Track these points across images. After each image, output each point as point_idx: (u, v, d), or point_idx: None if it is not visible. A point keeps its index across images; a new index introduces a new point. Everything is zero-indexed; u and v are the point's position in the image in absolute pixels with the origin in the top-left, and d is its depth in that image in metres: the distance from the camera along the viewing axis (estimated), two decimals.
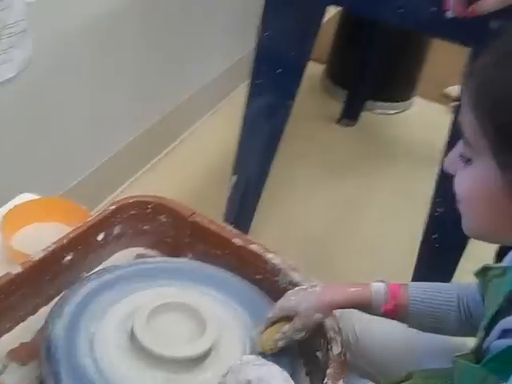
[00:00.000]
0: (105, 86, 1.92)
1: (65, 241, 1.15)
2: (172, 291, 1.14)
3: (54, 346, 1.00)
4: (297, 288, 1.07)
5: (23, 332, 1.10)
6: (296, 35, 1.54)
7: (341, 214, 2.30)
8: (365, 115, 2.82)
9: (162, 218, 1.29)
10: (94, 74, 1.86)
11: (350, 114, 2.76)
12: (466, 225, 0.80)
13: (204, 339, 1.04)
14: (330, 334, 1.08)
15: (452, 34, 1.45)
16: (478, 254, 1.53)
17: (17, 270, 1.07)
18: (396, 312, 1.02)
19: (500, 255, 1.33)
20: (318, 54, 3.01)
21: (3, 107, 1.58)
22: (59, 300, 1.10)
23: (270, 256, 1.22)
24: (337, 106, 2.82)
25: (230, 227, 1.29)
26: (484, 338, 0.85)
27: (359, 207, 2.34)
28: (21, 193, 1.37)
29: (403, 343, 1.13)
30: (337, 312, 1.10)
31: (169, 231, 1.30)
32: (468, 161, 0.74)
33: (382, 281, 1.04)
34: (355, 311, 1.16)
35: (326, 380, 0.99)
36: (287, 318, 1.04)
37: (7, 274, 1.06)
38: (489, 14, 1.29)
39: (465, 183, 0.76)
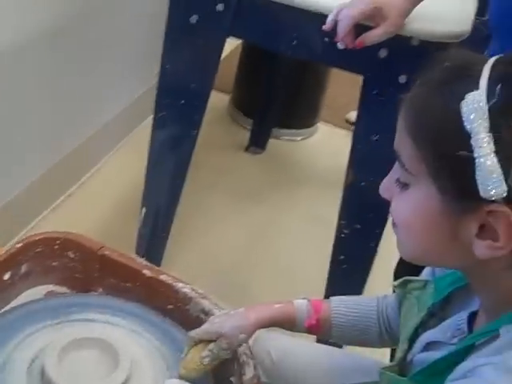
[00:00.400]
0: (10, 121, 1.90)
1: None
2: (82, 327, 1.14)
3: None
4: (221, 312, 1.08)
5: None
6: (196, 67, 1.58)
7: (253, 240, 2.33)
8: (272, 142, 2.88)
9: (71, 254, 1.28)
10: None
11: (257, 142, 2.81)
12: (403, 249, 0.79)
13: (117, 374, 1.04)
14: (243, 358, 1.10)
15: (345, 63, 1.53)
16: (385, 271, 1.60)
17: None
18: (319, 326, 1.05)
19: (397, 274, 1.40)
20: (224, 85, 3.08)
21: None
22: None
23: (180, 285, 1.23)
24: (244, 135, 2.87)
25: (140, 259, 1.29)
26: (407, 351, 0.88)
27: (270, 233, 2.38)
28: None
29: (321, 363, 1.16)
30: (250, 339, 1.13)
31: (78, 267, 1.29)
32: (405, 185, 0.74)
33: (303, 298, 1.07)
34: (271, 335, 1.19)
35: None
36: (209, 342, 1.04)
37: None
38: (377, 44, 1.37)
39: (403, 208, 0.75)
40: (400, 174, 0.74)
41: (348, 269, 1.70)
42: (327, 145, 2.98)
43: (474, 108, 0.65)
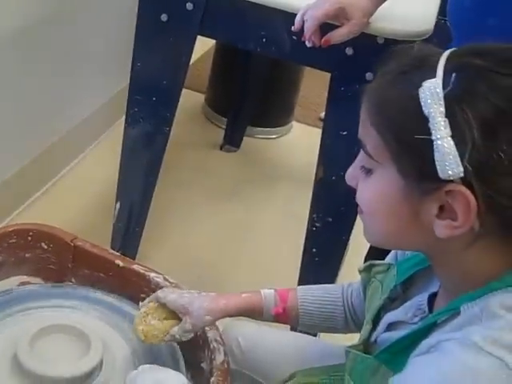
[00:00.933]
0: None
1: None
2: (53, 314, 1.17)
3: None
4: (192, 291, 1.11)
5: None
6: (167, 65, 1.61)
7: (227, 236, 2.37)
8: (247, 141, 2.92)
9: (44, 245, 1.32)
10: None
11: (231, 141, 2.85)
12: (369, 234, 0.82)
13: (88, 358, 1.08)
14: (213, 344, 1.14)
15: (313, 61, 1.57)
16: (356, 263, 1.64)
17: None
18: (286, 315, 1.09)
19: (367, 259, 1.44)
20: (199, 84, 3.12)
21: None
22: None
23: (152, 275, 1.27)
24: (219, 134, 2.91)
25: (112, 251, 1.32)
26: (371, 331, 0.92)
27: (244, 229, 2.42)
28: None
29: (289, 348, 1.20)
30: (220, 326, 1.17)
31: (51, 258, 1.32)
32: (369, 171, 0.78)
33: (270, 288, 1.11)
34: (239, 323, 1.23)
35: None
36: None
37: None
38: (344, 42, 1.41)
39: (367, 193, 0.79)
40: (364, 161, 0.79)
41: (320, 261, 1.74)
42: (301, 143, 3.03)
43: (431, 94, 0.69)
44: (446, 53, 0.73)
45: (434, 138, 0.68)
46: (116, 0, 2.38)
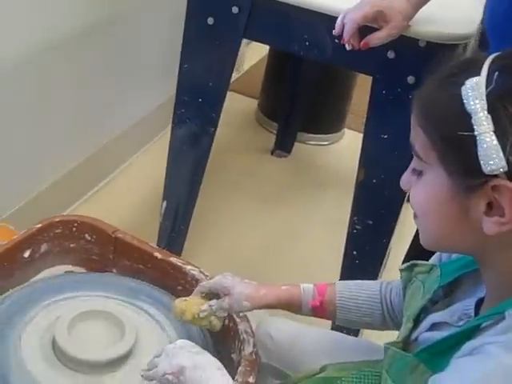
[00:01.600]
0: (40, 116, 2.00)
1: None
2: (92, 301, 1.22)
3: None
4: (236, 276, 1.14)
5: None
6: (213, 66, 1.65)
7: (273, 239, 2.40)
8: (298, 146, 2.95)
9: (87, 236, 1.37)
10: (26, 106, 1.94)
11: (282, 146, 2.88)
12: (423, 237, 0.84)
13: (122, 344, 1.12)
14: (243, 335, 1.17)
15: (355, 64, 1.59)
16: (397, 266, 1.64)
17: None
18: (323, 308, 1.11)
19: (406, 260, 1.45)
20: (253, 90, 3.18)
21: None
22: None
23: (188, 268, 1.31)
24: (271, 139, 2.95)
25: (151, 244, 1.37)
26: (412, 329, 0.93)
27: (289, 232, 2.44)
28: None
29: (323, 343, 1.21)
30: (254, 323, 1.20)
31: (94, 248, 1.38)
32: (420, 174, 0.80)
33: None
34: (273, 318, 1.25)
35: (236, 377, 1.07)
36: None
37: None
38: (385, 45, 1.43)
39: (418, 195, 0.81)
40: (415, 163, 0.82)
41: (360, 264, 1.75)
42: (352, 150, 3.01)
43: (473, 91, 0.72)
44: (492, 56, 0.76)
45: (476, 133, 0.71)
46: (167, 4, 2.45)
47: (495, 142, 0.70)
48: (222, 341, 1.21)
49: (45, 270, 1.36)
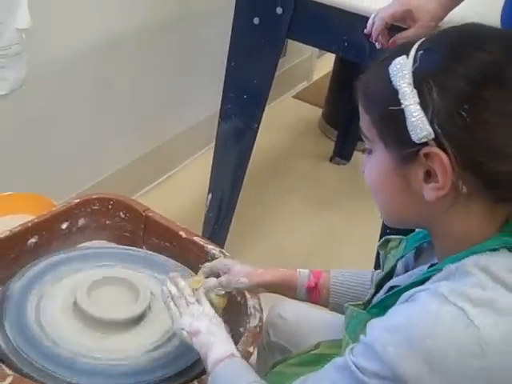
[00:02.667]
0: (99, 108, 2.13)
1: (29, 224, 1.33)
2: (114, 270, 1.31)
3: (7, 301, 1.18)
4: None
5: None
6: (257, 65, 1.73)
7: (321, 244, 2.43)
8: (358, 155, 2.98)
9: (122, 214, 1.47)
10: (88, 97, 2.06)
11: (341, 154, 2.93)
12: (382, 214, 0.89)
13: (136, 306, 1.21)
14: (251, 310, 1.23)
15: None
16: None
17: None
18: (318, 291, 1.14)
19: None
20: (319, 99, 3.24)
21: None
22: (19, 271, 1.28)
23: (210, 247, 1.38)
24: (331, 146, 3.00)
25: (178, 223, 1.44)
26: (374, 294, 0.99)
27: (337, 237, 2.48)
28: None
29: (319, 320, 1.26)
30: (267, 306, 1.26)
31: (127, 226, 1.47)
32: (369, 152, 0.86)
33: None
34: (284, 301, 1.30)
35: (237, 346, 1.13)
36: None
37: None
38: None
39: (369, 172, 0.86)
40: (366, 143, 0.87)
41: None
42: None
43: (399, 68, 0.78)
44: (422, 39, 0.81)
45: (403, 106, 0.77)
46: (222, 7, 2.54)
47: (420, 112, 0.75)
48: (233, 317, 1.27)
49: (81, 244, 1.46)
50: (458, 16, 1.44)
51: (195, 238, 1.39)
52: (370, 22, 1.45)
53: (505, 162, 0.75)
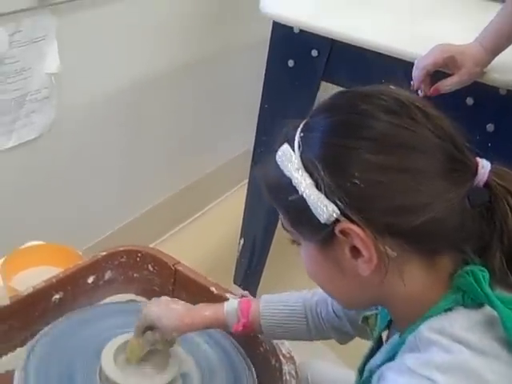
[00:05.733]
0: (129, 150, 2.09)
1: (54, 280, 1.28)
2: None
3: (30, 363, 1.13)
4: (162, 297, 1.16)
5: (8, 362, 1.22)
6: (292, 107, 1.67)
7: None
8: None
9: (150, 267, 1.41)
10: (116, 139, 2.03)
11: None
12: (338, 302, 0.89)
13: (166, 372, 1.14)
14: (286, 376, 1.16)
15: None
16: None
17: (5, 302, 1.21)
18: (248, 329, 1.11)
19: None
20: None
21: (25, 166, 1.76)
22: (43, 330, 1.23)
23: None
24: None
25: (209, 278, 1.38)
26: (358, 381, 0.93)
27: None
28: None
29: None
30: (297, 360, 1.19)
31: (156, 279, 1.41)
32: (299, 244, 0.82)
33: (236, 297, 1.16)
34: (312, 361, 1.25)
35: None
36: None
37: None
38: (465, 92, 1.39)
39: (305, 264, 0.83)
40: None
41: None
42: None
43: (285, 156, 0.76)
44: (304, 120, 0.80)
45: (301, 192, 0.74)
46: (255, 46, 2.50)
47: (317, 192, 0.73)
48: (268, 380, 1.21)
49: (108, 298, 1.40)
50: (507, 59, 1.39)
51: (227, 295, 1.32)
52: (414, 73, 1.39)
53: (413, 215, 0.71)
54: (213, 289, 1.34)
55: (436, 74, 1.39)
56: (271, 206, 1.88)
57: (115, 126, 2.00)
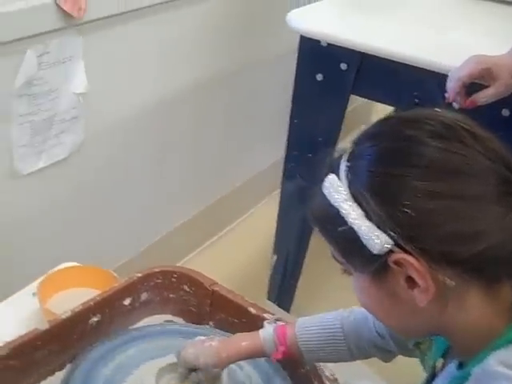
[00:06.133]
0: (157, 167, 2.09)
1: (92, 303, 1.27)
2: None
3: None
4: (196, 339, 1.14)
5: None
6: (322, 122, 1.66)
7: None
8: None
9: (186, 288, 1.40)
10: (143, 156, 2.03)
11: None
12: (394, 332, 0.89)
13: None
14: None
15: None
16: None
17: (45, 326, 1.20)
18: (288, 356, 1.08)
19: None
20: None
21: (56, 185, 1.76)
22: (81, 353, 1.22)
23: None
24: None
25: (246, 298, 1.37)
26: None
27: None
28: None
29: None
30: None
31: (192, 300, 1.40)
32: (350, 274, 0.81)
33: (271, 321, 1.13)
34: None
35: None
36: None
37: (35, 329, 1.17)
38: (500, 103, 1.38)
39: (357, 294, 0.81)
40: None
41: None
42: None
43: (333, 187, 0.75)
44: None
45: (350, 223, 0.73)
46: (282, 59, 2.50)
47: (368, 223, 0.71)
48: None
49: (144, 319, 1.39)
50: None
51: (265, 315, 1.30)
52: (448, 84, 1.37)
53: (468, 243, 0.69)
54: (251, 309, 1.32)
55: (471, 86, 1.37)
56: (304, 220, 1.87)
57: (143, 143, 2.00)
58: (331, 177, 0.76)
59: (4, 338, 1.20)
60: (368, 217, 0.72)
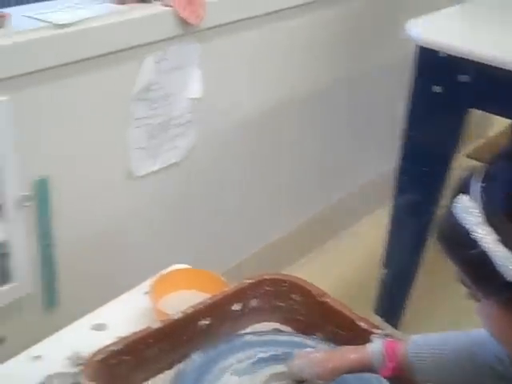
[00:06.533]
0: (266, 175, 2.10)
1: (202, 306, 1.29)
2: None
3: None
4: (303, 351, 1.15)
5: None
6: (439, 135, 1.62)
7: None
8: None
9: (295, 297, 1.39)
10: (251, 163, 2.05)
11: None
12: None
13: None
14: None
15: None
16: None
17: (157, 325, 1.22)
18: (397, 373, 1.04)
19: None
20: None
21: (168, 188, 1.80)
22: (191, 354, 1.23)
23: None
24: None
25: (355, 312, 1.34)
26: None
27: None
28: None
29: None
30: None
31: (301, 310, 1.39)
32: (477, 299, 0.78)
33: (385, 334, 1.11)
34: None
35: None
36: None
37: (148, 327, 1.21)
38: None
39: (484, 322, 0.78)
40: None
41: None
42: None
43: (465, 209, 0.71)
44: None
45: (483, 247, 0.69)
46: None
47: (504, 249, 0.68)
48: None
49: (252, 326, 1.39)
50: None
51: (375, 330, 1.28)
52: None
53: None
54: (361, 323, 1.30)
55: None
56: (418, 234, 1.83)
57: (252, 148, 2.02)
58: (464, 198, 0.73)
59: (116, 334, 1.25)
60: (503, 242, 0.68)
